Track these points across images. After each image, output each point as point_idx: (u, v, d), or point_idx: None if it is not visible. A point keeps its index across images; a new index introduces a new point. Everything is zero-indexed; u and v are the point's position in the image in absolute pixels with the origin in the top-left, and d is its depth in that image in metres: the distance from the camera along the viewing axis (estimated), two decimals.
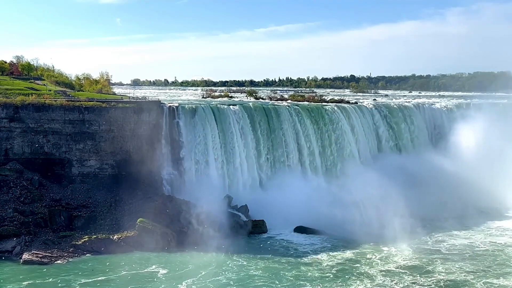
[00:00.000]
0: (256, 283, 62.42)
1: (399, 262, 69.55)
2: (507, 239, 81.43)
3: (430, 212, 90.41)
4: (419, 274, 65.12)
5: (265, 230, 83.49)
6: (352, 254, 72.89)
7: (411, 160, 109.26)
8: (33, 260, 67.97)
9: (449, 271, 66.09)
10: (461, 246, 77.21)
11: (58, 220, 78.25)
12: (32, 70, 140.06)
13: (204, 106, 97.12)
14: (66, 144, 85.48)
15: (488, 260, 71.00)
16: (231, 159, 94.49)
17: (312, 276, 64.42)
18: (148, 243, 74.09)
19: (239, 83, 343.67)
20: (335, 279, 63.58)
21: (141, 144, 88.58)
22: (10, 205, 77.38)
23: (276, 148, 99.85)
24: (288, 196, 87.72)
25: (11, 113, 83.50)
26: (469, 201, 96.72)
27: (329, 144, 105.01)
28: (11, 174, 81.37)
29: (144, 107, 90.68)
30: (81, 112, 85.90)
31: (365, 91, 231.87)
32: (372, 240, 77.80)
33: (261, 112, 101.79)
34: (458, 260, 70.57)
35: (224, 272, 65.63)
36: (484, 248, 76.38)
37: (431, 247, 76.57)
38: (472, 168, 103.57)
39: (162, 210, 79.95)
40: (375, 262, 69.51)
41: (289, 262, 69.72)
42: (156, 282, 62.47)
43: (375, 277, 64.06)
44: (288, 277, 64.16)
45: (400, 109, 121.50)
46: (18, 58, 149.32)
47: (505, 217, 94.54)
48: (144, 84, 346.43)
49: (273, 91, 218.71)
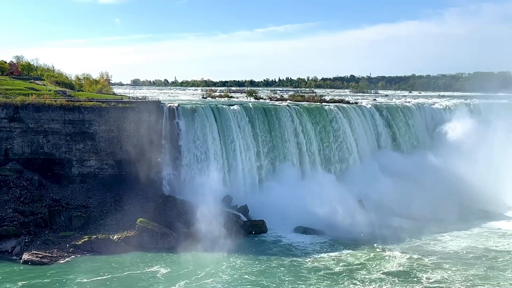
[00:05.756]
0: (255, 283, 62.43)
1: (392, 265, 68.38)
2: (504, 243, 79.20)
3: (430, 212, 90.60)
4: (412, 278, 64.26)
5: (265, 230, 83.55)
6: (351, 255, 72.78)
7: (410, 160, 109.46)
8: (33, 260, 67.98)
9: (443, 276, 64.50)
10: (457, 249, 75.57)
11: (58, 220, 78.34)
12: (32, 70, 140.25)
13: (204, 106, 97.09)
14: (66, 144, 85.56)
15: (483, 265, 68.62)
16: (231, 159, 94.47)
17: (312, 277, 64.39)
18: (148, 243, 74.33)
19: (239, 83, 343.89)
20: (334, 280, 63.59)
21: (141, 144, 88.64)
22: (10, 205, 77.44)
23: (276, 148, 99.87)
24: (288, 196, 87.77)
25: (11, 113, 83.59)
26: (467, 202, 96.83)
27: (329, 144, 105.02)
28: (11, 174, 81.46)
29: (144, 107, 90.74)
30: (81, 112, 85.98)
31: (365, 91, 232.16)
32: (371, 240, 77.98)
33: (261, 112, 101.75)
34: (453, 264, 68.69)
35: (223, 272, 65.64)
36: (480, 253, 74.04)
37: (426, 250, 75.20)
38: (471, 169, 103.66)
39: (162, 210, 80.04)
40: (371, 264, 69.05)
41: (289, 262, 69.70)
42: (156, 282, 62.50)
43: (371, 279, 63.68)
44: (288, 277, 64.13)
45: (400, 109, 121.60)
46: (18, 58, 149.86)
47: (503, 218, 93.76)
48: (144, 84, 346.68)
49: (273, 91, 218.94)
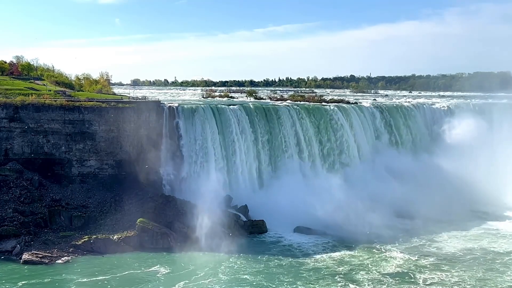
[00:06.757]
0: (255, 283, 62.43)
1: (391, 266, 68.24)
2: (503, 244, 78.83)
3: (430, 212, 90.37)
4: (410, 279, 64.08)
5: (265, 230, 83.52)
6: (350, 255, 72.79)
7: (410, 160, 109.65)
8: (33, 260, 67.96)
9: (440, 278, 64.34)
10: (455, 250, 75.38)
11: (58, 220, 78.33)
12: (32, 70, 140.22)
13: (204, 106, 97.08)
14: (66, 144, 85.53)
15: (481, 267, 68.22)
16: (231, 159, 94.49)
17: (311, 277, 64.37)
18: (148, 243, 74.37)
19: (239, 83, 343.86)
20: (334, 280, 63.58)
21: (141, 144, 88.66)
22: (10, 205, 77.41)
23: (276, 148, 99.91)
24: (288, 196, 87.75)
25: (11, 113, 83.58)
26: (467, 202, 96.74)
27: (329, 144, 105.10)
28: (11, 174, 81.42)
29: (144, 107, 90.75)
30: (81, 112, 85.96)
31: (365, 91, 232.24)
32: (371, 241, 77.92)
33: (261, 112, 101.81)
34: (451, 266, 68.49)
35: (223, 272, 65.64)
36: (478, 254, 73.67)
37: (424, 251, 74.99)
38: (471, 169, 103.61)
39: (162, 210, 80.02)
40: (370, 265, 69.00)
41: (289, 262, 69.70)
42: (156, 282, 62.49)
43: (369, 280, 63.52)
44: (287, 278, 64.11)
45: (400, 109, 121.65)
46: (18, 58, 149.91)
47: (502, 218, 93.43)
48: (144, 84, 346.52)
49: (273, 91, 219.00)
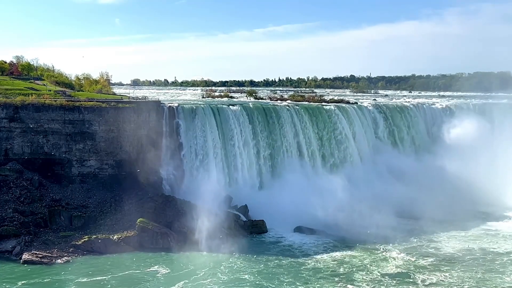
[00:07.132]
0: (255, 283, 62.41)
1: (391, 267, 68.06)
2: (503, 244, 78.52)
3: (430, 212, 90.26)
4: (409, 280, 63.91)
5: (265, 230, 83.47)
6: (350, 255, 72.67)
7: (410, 161, 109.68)
8: (33, 260, 67.93)
9: (439, 279, 63.96)
10: (455, 251, 75.04)
11: (58, 220, 78.32)
12: (32, 70, 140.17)
13: (204, 106, 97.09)
14: (66, 144, 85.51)
15: (481, 267, 67.81)
16: (231, 159, 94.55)
17: (311, 277, 64.33)
18: (148, 243, 74.34)
19: (239, 83, 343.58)
20: (333, 281, 63.50)
21: (141, 144, 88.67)
22: (10, 205, 77.39)
23: (276, 148, 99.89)
24: (288, 196, 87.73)
25: (11, 113, 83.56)
26: (467, 203, 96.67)
27: (329, 144, 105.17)
28: (11, 174, 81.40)
29: (144, 107, 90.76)
30: (81, 112, 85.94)
31: (365, 91, 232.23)
32: (371, 241, 77.79)
33: (261, 112, 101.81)
34: (450, 267, 68.10)
35: (223, 272, 65.59)
36: (478, 255, 73.24)
37: (424, 251, 74.72)
38: (471, 169, 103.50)
39: (162, 210, 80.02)
40: (370, 265, 68.83)
41: (289, 262, 69.64)
42: (155, 282, 62.46)
43: (368, 280, 63.46)
44: (287, 278, 64.05)
45: (399, 109, 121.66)
46: (18, 58, 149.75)
47: (502, 219, 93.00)
48: (144, 84, 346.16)
49: (273, 91, 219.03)
